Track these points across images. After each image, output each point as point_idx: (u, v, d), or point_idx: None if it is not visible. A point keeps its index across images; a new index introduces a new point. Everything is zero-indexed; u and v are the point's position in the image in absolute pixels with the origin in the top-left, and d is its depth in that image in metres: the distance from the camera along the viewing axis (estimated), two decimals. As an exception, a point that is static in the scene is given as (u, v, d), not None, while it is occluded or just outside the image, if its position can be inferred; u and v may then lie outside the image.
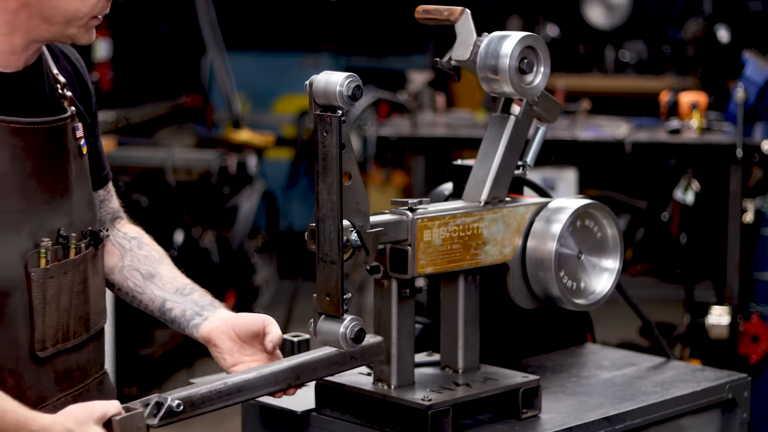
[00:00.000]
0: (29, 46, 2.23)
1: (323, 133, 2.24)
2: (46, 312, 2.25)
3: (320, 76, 2.23)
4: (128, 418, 2.11)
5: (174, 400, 2.16)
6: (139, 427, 2.13)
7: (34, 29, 2.21)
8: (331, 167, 2.23)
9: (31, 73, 2.27)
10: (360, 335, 2.26)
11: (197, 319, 2.48)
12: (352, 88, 2.20)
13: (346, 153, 2.24)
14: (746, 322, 5.11)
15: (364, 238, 2.29)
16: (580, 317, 2.98)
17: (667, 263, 7.80)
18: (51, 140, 2.26)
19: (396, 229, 2.38)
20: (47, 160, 2.25)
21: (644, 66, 9.02)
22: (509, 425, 2.46)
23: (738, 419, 2.76)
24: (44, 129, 2.25)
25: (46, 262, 2.24)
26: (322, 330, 2.29)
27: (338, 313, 2.26)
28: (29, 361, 2.24)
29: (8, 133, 2.18)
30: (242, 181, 7.51)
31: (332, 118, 2.22)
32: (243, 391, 2.28)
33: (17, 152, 2.19)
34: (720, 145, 5.30)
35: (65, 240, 2.27)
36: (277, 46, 9.43)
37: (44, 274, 2.23)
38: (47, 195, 2.25)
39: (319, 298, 2.30)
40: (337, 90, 2.20)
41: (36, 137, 2.23)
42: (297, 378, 2.36)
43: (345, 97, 2.20)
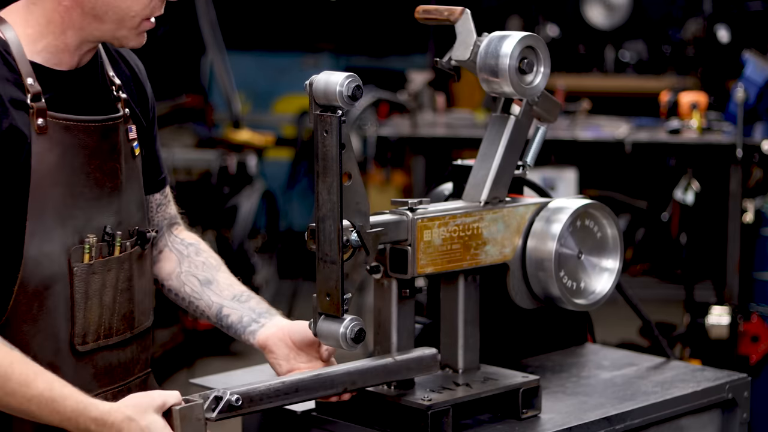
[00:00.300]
0: (82, 45, 2.28)
1: (323, 133, 2.24)
2: (87, 307, 2.30)
3: (320, 76, 2.23)
4: (188, 408, 2.15)
5: (233, 395, 2.20)
6: (198, 418, 2.16)
7: (87, 27, 2.26)
8: (331, 167, 2.24)
9: (85, 73, 2.32)
10: (360, 335, 2.26)
11: (254, 326, 2.52)
12: (352, 88, 2.20)
13: (346, 153, 2.24)
14: (746, 322, 5.11)
15: (364, 238, 2.29)
16: (580, 317, 2.98)
17: (667, 263, 7.80)
18: (102, 139, 2.31)
19: (396, 229, 2.38)
20: (97, 158, 2.30)
21: (644, 66, 9.02)
22: (509, 425, 2.46)
23: (738, 419, 2.76)
24: (95, 127, 2.30)
25: (90, 258, 2.29)
26: (322, 330, 2.30)
27: (338, 313, 2.26)
28: (69, 355, 2.28)
29: (60, 129, 2.24)
30: (242, 181, 7.51)
31: (332, 118, 2.22)
32: (299, 392, 2.31)
33: (67, 148, 2.25)
34: (720, 145, 5.30)
35: (111, 237, 2.32)
36: (277, 46, 9.43)
37: (87, 269, 2.28)
38: (95, 192, 2.30)
39: (319, 298, 2.30)
40: (337, 90, 2.20)
41: (87, 135, 2.29)
42: (353, 383, 2.37)
43: (345, 97, 2.20)
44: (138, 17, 2.28)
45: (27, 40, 2.24)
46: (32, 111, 2.20)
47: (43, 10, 2.25)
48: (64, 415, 2.10)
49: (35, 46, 2.25)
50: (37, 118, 2.20)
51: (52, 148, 2.22)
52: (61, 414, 2.10)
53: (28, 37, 2.24)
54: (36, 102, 2.20)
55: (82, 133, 2.28)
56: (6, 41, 2.22)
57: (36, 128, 2.20)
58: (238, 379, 2.71)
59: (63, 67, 2.28)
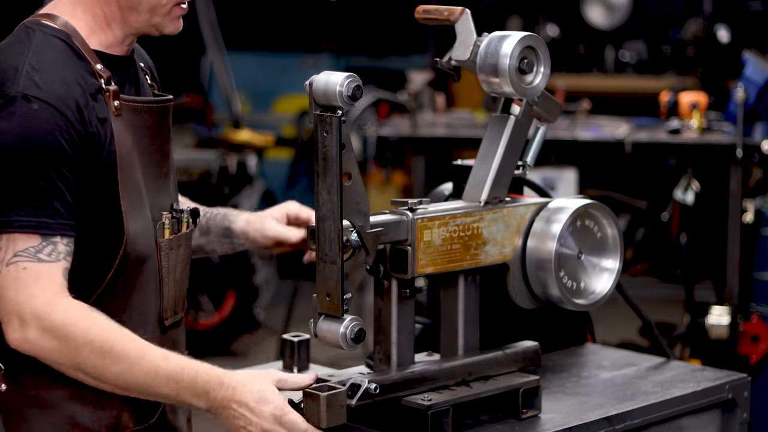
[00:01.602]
0: (126, 38, 2.37)
1: (323, 133, 2.25)
2: (169, 282, 2.41)
3: (320, 76, 2.24)
4: (333, 395, 2.25)
5: (371, 383, 2.30)
6: (341, 405, 2.27)
7: (126, 19, 2.34)
8: (331, 167, 2.24)
9: (133, 60, 2.43)
10: (360, 335, 2.27)
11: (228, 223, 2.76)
12: (352, 88, 2.21)
13: (346, 153, 2.24)
14: (746, 322, 5.11)
15: (364, 238, 2.29)
16: (580, 317, 2.98)
17: (667, 263, 7.80)
18: (161, 119, 2.42)
19: (396, 229, 2.38)
20: (158, 139, 2.41)
21: (644, 66, 9.02)
22: (509, 425, 2.46)
23: (738, 419, 2.76)
24: (158, 108, 2.41)
25: (170, 234, 2.40)
26: (322, 330, 2.30)
27: (338, 313, 2.27)
28: (157, 329, 2.39)
29: (130, 111, 2.33)
30: (242, 181, 7.51)
31: (332, 118, 2.23)
32: (426, 381, 2.40)
33: (137, 130, 2.34)
34: (720, 145, 5.30)
35: (179, 214, 2.44)
36: (277, 46, 9.43)
37: (169, 244, 2.39)
38: (157, 172, 2.40)
39: (319, 298, 2.30)
40: (337, 90, 2.20)
41: (151, 116, 2.38)
42: (469, 374, 2.47)
43: (345, 97, 2.21)
44: (169, 4, 2.36)
45: (82, 33, 2.32)
46: (108, 94, 2.28)
47: (84, 6, 2.34)
48: (182, 383, 2.20)
49: (90, 39, 2.33)
50: (113, 100, 2.28)
51: (126, 129, 2.31)
52: (179, 382, 2.20)
53: (81, 29, 2.32)
54: (109, 85, 2.29)
55: (147, 114, 2.37)
56: (67, 32, 2.29)
57: (114, 110, 2.28)
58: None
59: (121, 53, 2.38)
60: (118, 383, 2.20)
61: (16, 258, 2.17)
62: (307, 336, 2.77)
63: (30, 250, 2.17)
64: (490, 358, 2.51)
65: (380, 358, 2.46)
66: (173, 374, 2.21)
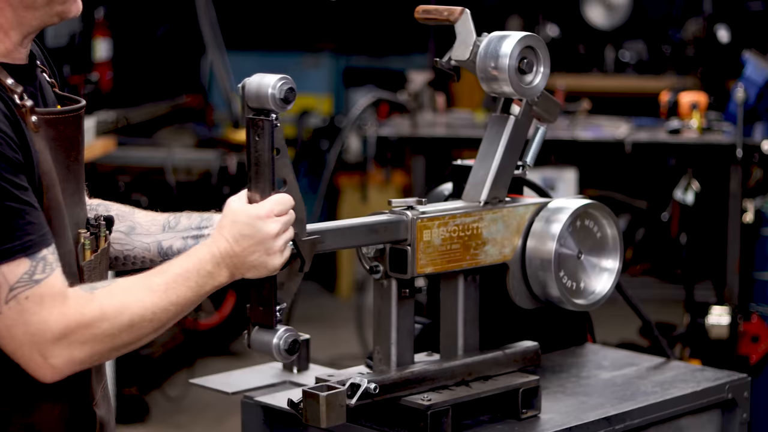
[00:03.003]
0: (25, 39, 2.21)
1: (255, 138, 2.17)
2: None
3: (253, 78, 2.18)
4: (333, 395, 2.25)
5: (371, 383, 2.29)
6: (341, 405, 2.26)
7: (24, 21, 2.18)
8: (264, 173, 2.18)
9: (34, 66, 2.27)
10: (293, 346, 2.21)
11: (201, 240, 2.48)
12: (285, 90, 2.14)
13: (280, 158, 2.18)
14: (746, 322, 5.11)
15: (299, 246, 2.24)
16: (580, 317, 2.98)
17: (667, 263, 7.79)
18: (77, 129, 2.27)
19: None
20: (74, 150, 2.26)
21: (644, 66, 9.01)
22: (509, 425, 2.46)
23: (738, 419, 2.76)
24: (73, 117, 2.25)
25: (91, 254, 2.27)
26: (256, 341, 2.25)
27: (271, 323, 2.21)
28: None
29: (44, 124, 2.17)
30: (242, 181, 7.50)
31: (264, 122, 2.16)
32: (426, 381, 2.40)
33: (52, 143, 2.19)
34: (720, 145, 5.30)
35: (96, 229, 2.29)
36: (277, 46, 9.43)
37: (90, 265, 2.26)
38: (74, 185, 2.26)
39: (253, 308, 2.25)
40: (270, 93, 2.15)
41: (66, 127, 2.23)
42: (469, 374, 2.48)
43: (278, 100, 2.14)
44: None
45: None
46: (24, 110, 2.13)
47: None
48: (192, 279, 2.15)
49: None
50: (30, 116, 2.14)
51: (45, 145, 2.17)
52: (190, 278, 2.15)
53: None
54: (23, 101, 2.14)
55: (62, 125, 2.22)
56: None
57: (33, 127, 2.14)
58: (238, 379, 2.72)
59: (21, 62, 2.22)
60: (156, 326, 2.14)
61: (14, 291, 2.05)
62: (307, 336, 2.77)
63: (24, 277, 2.05)
64: (490, 358, 2.51)
65: (380, 358, 2.46)
66: (182, 273, 2.16)
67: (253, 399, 2.62)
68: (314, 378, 2.43)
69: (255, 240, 2.16)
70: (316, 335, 3.16)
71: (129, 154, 6.91)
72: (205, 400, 6.13)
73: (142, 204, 6.23)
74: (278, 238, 2.17)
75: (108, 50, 6.99)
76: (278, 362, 2.81)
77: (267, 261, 2.17)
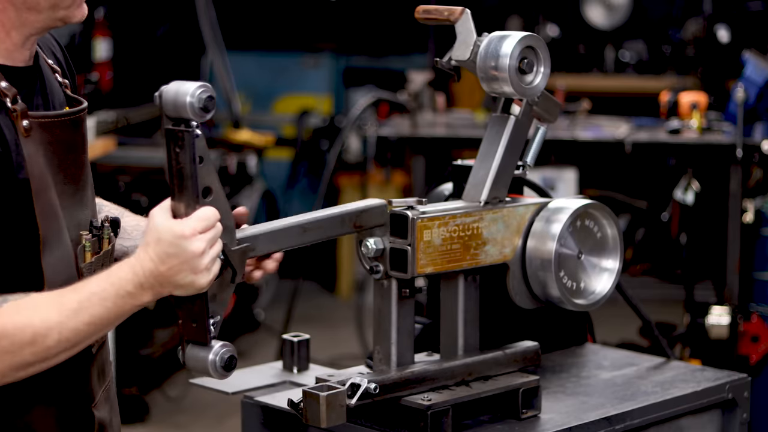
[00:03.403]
0: (28, 40, 2.20)
1: (176, 150, 2.08)
2: None
3: (170, 86, 2.07)
4: (333, 395, 2.24)
5: (371, 383, 2.28)
6: (341, 405, 2.25)
7: (26, 22, 2.18)
8: (187, 186, 2.09)
9: (38, 67, 2.26)
10: (231, 362, 2.14)
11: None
12: (204, 99, 2.04)
13: (204, 167, 2.08)
14: (746, 322, 5.11)
15: (229, 256, 2.16)
16: (580, 317, 2.98)
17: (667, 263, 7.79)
18: (74, 131, 2.25)
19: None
20: (72, 152, 2.24)
21: (644, 66, 9.02)
22: (509, 425, 2.46)
23: (738, 419, 2.76)
24: (70, 121, 2.24)
25: (91, 256, 2.24)
26: (191, 358, 2.17)
27: (205, 340, 2.14)
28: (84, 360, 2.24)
29: (39, 128, 2.16)
30: (242, 181, 7.51)
31: (185, 134, 2.06)
32: (426, 381, 2.40)
33: (48, 147, 2.17)
34: (720, 145, 5.30)
35: (99, 231, 2.27)
36: (277, 46, 9.43)
37: (90, 268, 2.23)
38: (73, 187, 2.24)
39: (184, 324, 2.16)
40: (188, 101, 2.04)
41: (62, 130, 2.21)
42: (469, 374, 2.48)
43: (196, 109, 2.04)
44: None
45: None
46: (15, 114, 2.12)
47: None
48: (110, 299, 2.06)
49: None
50: (21, 120, 2.12)
51: (38, 149, 2.15)
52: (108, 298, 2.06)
53: None
54: (16, 104, 2.12)
55: (58, 128, 2.20)
56: None
57: (23, 131, 2.12)
58: (238, 379, 2.71)
59: (21, 64, 2.21)
60: (65, 346, 2.06)
61: None
62: (307, 336, 2.77)
63: None
64: (490, 358, 2.51)
65: (380, 358, 2.46)
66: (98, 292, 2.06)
67: (253, 399, 2.62)
68: (314, 378, 2.43)
69: (180, 259, 2.05)
70: (316, 335, 3.16)
71: (129, 154, 6.91)
72: (205, 400, 6.13)
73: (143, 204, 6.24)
74: (204, 256, 2.06)
75: (108, 50, 6.99)
76: (278, 362, 2.82)
77: (194, 280, 2.07)
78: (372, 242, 2.42)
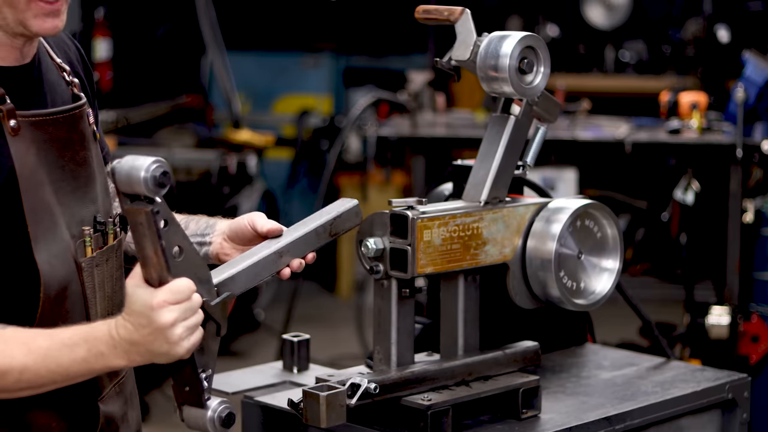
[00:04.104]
0: (13, 40, 2.20)
1: (137, 226, 2.02)
2: (97, 301, 2.27)
3: (123, 161, 2.00)
4: (333, 395, 2.24)
5: (371, 383, 2.29)
6: (341, 405, 2.25)
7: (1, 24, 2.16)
8: (152, 265, 2.03)
9: (35, 66, 2.27)
10: (229, 419, 2.12)
11: (204, 248, 2.48)
12: (159, 174, 1.97)
13: (170, 229, 2.03)
14: (746, 322, 5.11)
15: (210, 311, 2.13)
16: (580, 317, 2.98)
17: (667, 263, 7.80)
18: (71, 129, 2.26)
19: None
20: (69, 149, 2.25)
21: (644, 66, 9.02)
22: (509, 425, 2.46)
23: (738, 419, 2.76)
24: (64, 118, 2.25)
25: (92, 251, 2.25)
26: (190, 417, 2.15)
27: (201, 405, 2.12)
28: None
29: (30, 127, 2.17)
30: (242, 181, 7.51)
31: (143, 214, 2.00)
32: (426, 381, 2.40)
33: (40, 145, 2.19)
34: (720, 145, 5.30)
35: (103, 226, 2.28)
36: (277, 46, 9.43)
37: (91, 262, 2.25)
38: (73, 184, 2.25)
39: (178, 388, 2.14)
40: (142, 176, 1.97)
41: (57, 128, 2.23)
42: (469, 374, 2.48)
43: (151, 185, 1.97)
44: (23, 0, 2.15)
45: None
46: (2, 114, 2.13)
47: None
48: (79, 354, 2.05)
49: None
50: (8, 120, 2.13)
51: (29, 147, 2.16)
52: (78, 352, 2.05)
53: None
54: (3, 104, 2.13)
55: (52, 126, 2.21)
56: None
57: (10, 131, 2.13)
58: (238, 379, 2.72)
59: (11, 63, 2.21)
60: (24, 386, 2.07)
61: None
62: (307, 336, 2.77)
63: None
64: (490, 358, 2.51)
65: (380, 358, 2.46)
66: (69, 344, 2.06)
67: (253, 399, 2.62)
68: (314, 378, 2.43)
69: (151, 329, 2.02)
70: (316, 335, 3.16)
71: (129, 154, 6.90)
72: (205, 400, 6.12)
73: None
74: (175, 327, 2.02)
75: (108, 50, 6.99)
76: (278, 362, 2.82)
77: (170, 349, 2.04)
78: (372, 242, 2.42)
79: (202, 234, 2.49)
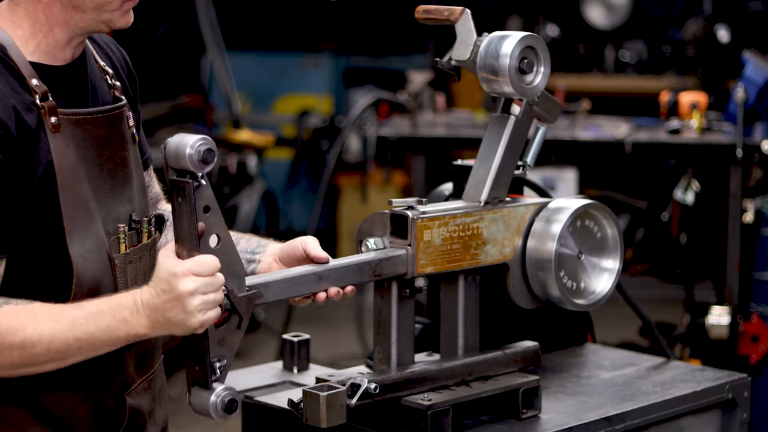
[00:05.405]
0: (72, 39, 2.27)
1: (178, 198, 2.12)
2: None
3: (173, 138, 2.12)
4: (333, 395, 2.25)
5: (371, 383, 2.29)
6: (342, 404, 2.26)
7: (71, 21, 2.24)
8: (185, 234, 2.12)
9: (79, 66, 2.32)
10: (231, 405, 2.16)
11: (252, 266, 2.51)
12: (203, 151, 2.08)
13: (212, 216, 2.13)
14: (746, 322, 5.11)
15: (234, 301, 2.19)
16: (580, 317, 2.98)
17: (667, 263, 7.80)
18: (110, 129, 2.31)
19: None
20: (108, 149, 2.30)
21: (644, 66, 9.02)
22: (509, 425, 2.46)
23: (738, 419, 2.76)
24: (104, 118, 2.30)
25: (126, 248, 2.30)
26: (195, 399, 2.20)
27: (206, 384, 2.17)
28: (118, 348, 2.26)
29: (71, 124, 2.23)
30: (242, 181, 7.51)
31: (185, 185, 2.11)
32: (426, 381, 2.40)
33: (80, 143, 2.24)
34: (720, 145, 5.30)
35: (138, 225, 2.34)
36: (277, 46, 9.44)
37: (125, 259, 2.30)
38: (110, 183, 2.30)
39: (190, 367, 2.20)
40: (187, 153, 2.08)
41: (96, 126, 2.28)
42: (469, 374, 2.48)
43: (195, 161, 2.08)
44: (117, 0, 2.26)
45: (19, 42, 2.22)
46: (44, 111, 2.19)
47: (25, 10, 2.23)
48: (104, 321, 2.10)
49: (27, 47, 2.23)
50: (50, 117, 2.19)
51: (68, 144, 2.22)
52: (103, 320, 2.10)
53: (19, 38, 2.22)
54: (45, 101, 2.19)
55: (92, 125, 2.27)
56: (3, 45, 2.19)
57: (51, 127, 2.19)
58: (238, 379, 2.72)
59: (59, 63, 2.27)
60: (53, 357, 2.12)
61: None
62: (307, 336, 2.77)
63: None
64: (490, 358, 2.51)
65: (380, 358, 2.46)
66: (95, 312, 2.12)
67: (253, 399, 2.62)
68: (314, 378, 2.43)
69: (171, 296, 2.09)
70: (316, 335, 3.16)
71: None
72: (205, 400, 6.11)
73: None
74: (193, 297, 2.09)
75: (108, 50, 6.98)
76: (278, 362, 2.82)
77: (184, 319, 2.10)
78: (372, 242, 2.42)
79: (252, 252, 2.52)
